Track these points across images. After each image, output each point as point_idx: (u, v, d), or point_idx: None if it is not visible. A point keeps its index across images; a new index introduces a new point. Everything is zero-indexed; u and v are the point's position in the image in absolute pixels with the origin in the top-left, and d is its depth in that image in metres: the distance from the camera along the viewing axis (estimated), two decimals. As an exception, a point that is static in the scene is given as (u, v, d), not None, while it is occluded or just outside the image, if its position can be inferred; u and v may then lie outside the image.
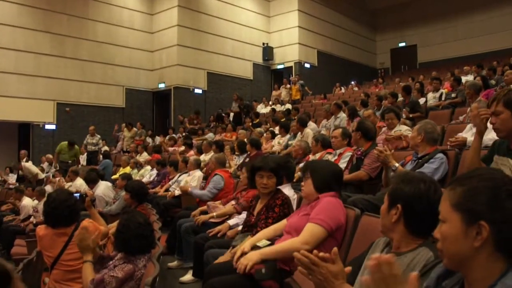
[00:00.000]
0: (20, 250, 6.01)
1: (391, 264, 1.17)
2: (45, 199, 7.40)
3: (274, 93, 17.70)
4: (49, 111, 16.21)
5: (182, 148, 10.77)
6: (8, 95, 15.04)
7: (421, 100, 8.91)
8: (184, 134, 13.41)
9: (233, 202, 4.90)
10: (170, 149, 12.08)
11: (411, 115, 7.33)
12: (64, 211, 3.19)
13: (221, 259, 3.27)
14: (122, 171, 10.24)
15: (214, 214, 4.76)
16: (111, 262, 2.79)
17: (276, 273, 2.64)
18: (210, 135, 12.88)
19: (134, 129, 14.17)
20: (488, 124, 4.20)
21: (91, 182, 7.21)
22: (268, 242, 2.93)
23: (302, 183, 3.05)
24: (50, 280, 3.11)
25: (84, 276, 2.82)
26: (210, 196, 5.74)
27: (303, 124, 8.01)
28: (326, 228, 2.65)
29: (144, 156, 11.50)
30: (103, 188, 6.91)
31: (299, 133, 7.97)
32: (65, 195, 3.32)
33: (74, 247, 3.22)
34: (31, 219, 7.39)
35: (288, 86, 17.46)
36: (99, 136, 13.77)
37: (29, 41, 15.70)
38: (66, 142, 12.00)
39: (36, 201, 7.74)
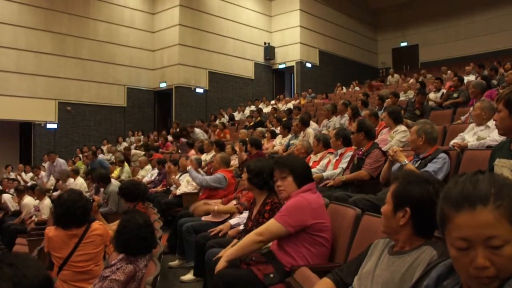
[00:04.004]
0: (22, 249, 5.99)
1: None
2: (46, 198, 7.50)
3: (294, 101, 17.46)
4: (50, 110, 16.23)
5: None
6: (9, 94, 15.08)
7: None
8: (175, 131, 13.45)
9: (234, 201, 4.90)
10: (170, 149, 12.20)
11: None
12: (76, 212, 3.17)
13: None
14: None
15: (215, 208, 4.75)
16: (113, 263, 2.78)
17: (284, 276, 2.65)
18: (198, 131, 13.04)
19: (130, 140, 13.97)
20: (491, 123, 4.23)
21: (105, 180, 7.14)
22: None
23: (279, 184, 2.94)
24: (58, 280, 3.10)
25: None
26: (204, 185, 5.79)
27: (305, 124, 8.01)
28: (285, 226, 2.68)
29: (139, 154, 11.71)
30: (112, 185, 6.92)
31: (301, 132, 7.98)
32: (76, 196, 3.29)
33: (84, 249, 3.22)
34: (33, 217, 7.40)
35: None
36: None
37: (30, 40, 15.73)
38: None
39: (37, 200, 7.76)
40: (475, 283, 1.09)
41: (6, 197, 8.96)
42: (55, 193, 8.77)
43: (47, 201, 7.54)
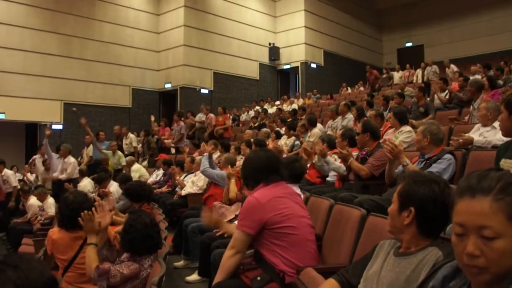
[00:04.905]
0: (28, 249, 6.02)
1: None
2: (48, 197, 7.55)
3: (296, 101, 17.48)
4: (56, 111, 16.28)
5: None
6: (16, 95, 15.13)
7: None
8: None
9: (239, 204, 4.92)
10: (166, 141, 12.30)
11: (423, 121, 7.33)
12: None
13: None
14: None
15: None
16: (117, 262, 2.80)
17: (274, 275, 2.65)
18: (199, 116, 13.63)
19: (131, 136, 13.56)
20: (497, 124, 4.22)
21: (103, 181, 7.22)
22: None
23: None
24: (63, 282, 3.09)
25: (88, 259, 2.81)
26: (207, 174, 5.86)
27: (312, 124, 8.02)
28: (244, 230, 2.72)
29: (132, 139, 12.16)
30: (116, 186, 6.96)
31: (308, 132, 7.99)
32: (82, 197, 3.27)
33: None
34: (38, 218, 7.44)
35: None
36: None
37: (36, 41, 15.78)
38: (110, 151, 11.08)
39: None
40: (466, 271, 1.13)
41: (9, 172, 9.10)
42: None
43: (50, 200, 7.59)
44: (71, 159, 9.34)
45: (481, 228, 1.06)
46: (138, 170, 9.76)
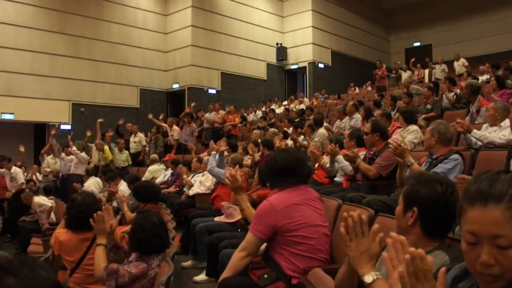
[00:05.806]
0: (36, 248, 6.06)
1: (424, 259, 1.09)
2: (34, 198, 7.61)
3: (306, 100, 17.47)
4: (64, 111, 16.37)
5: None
6: (24, 96, 15.24)
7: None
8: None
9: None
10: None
11: (423, 116, 7.31)
12: (90, 215, 3.03)
13: None
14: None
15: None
16: (126, 262, 2.82)
17: (281, 275, 2.64)
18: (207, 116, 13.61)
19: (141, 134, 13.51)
20: (504, 124, 4.20)
21: (113, 179, 7.31)
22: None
23: None
24: (71, 283, 3.11)
25: (96, 260, 2.82)
26: (214, 173, 5.88)
27: (318, 124, 7.99)
28: (258, 235, 2.68)
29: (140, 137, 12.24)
30: (125, 185, 7.00)
31: (315, 132, 7.97)
32: (91, 199, 3.27)
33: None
34: (44, 219, 7.49)
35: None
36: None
37: (45, 42, 15.88)
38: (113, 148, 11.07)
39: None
40: (480, 279, 1.10)
41: (18, 170, 9.21)
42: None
43: (36, 199, 7.64)
44: (84, 156, 9.73)
45: (495, 237, 1.04)
46: (155, 171, 9.76)
